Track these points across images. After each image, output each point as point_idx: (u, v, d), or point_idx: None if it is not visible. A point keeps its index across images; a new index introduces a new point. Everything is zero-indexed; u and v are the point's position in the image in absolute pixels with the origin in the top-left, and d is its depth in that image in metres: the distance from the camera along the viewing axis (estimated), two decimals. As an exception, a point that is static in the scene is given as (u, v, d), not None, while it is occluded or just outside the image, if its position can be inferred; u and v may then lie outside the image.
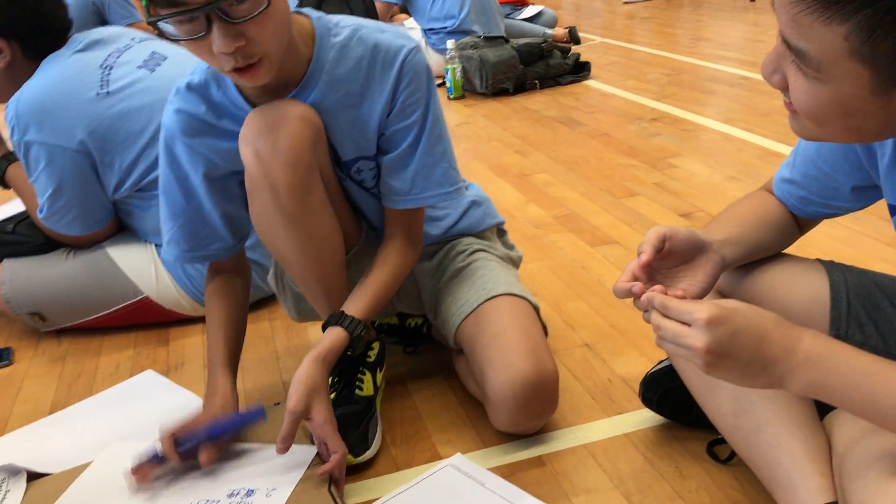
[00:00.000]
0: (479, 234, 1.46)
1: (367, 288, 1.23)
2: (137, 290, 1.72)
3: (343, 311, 1.20)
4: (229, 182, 1.27)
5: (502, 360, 1.20)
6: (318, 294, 1.26)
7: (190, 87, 1.22)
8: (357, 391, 1.28)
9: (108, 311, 1.74)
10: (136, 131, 1.63)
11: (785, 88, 0.76)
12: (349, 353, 1.19)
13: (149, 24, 1.01)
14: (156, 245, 1.74)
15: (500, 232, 1.53)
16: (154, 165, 1.64)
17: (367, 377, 1.30)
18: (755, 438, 1.00)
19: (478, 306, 1.29)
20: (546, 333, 1.30)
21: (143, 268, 1.73)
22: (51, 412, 1.50)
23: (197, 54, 1.05)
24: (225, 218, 1.29)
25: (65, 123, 1.58)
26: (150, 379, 1.58)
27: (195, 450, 1.14)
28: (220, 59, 1.03)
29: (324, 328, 1.21)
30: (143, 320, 1.76)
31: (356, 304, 1.21)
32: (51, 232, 1.74)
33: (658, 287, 0.84)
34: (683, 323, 0.79)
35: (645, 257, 0.91)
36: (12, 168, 1.78)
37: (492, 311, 1.28)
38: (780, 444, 0.97)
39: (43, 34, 1.65)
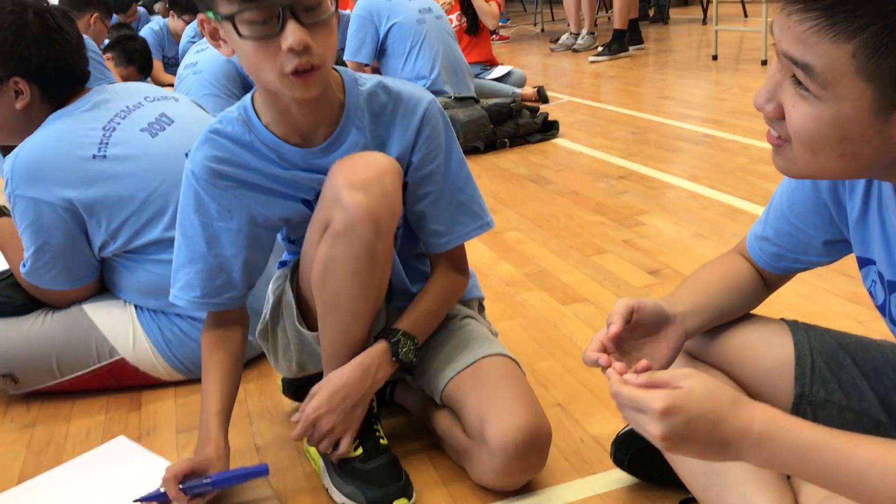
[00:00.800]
0: (465, 303, 1.51)
1: (412, 308, 1.34)
2: (114, 351, 1.71)
3: (387, 327, 1.31)
4: (262, 232, 1.34)
5: (505, 408, 1.24)
6: (352, 341, 1.29)
7: (219, 132, 1.27)
8: (381, 441, 1.32)
9: (83, 372, 1.72)
10: (126, 196, 1.64)
11: (778, 118, 0.78)
12: (394, 359, 1.28)
13: (224, 20, 1.09)
14: (135, 306, 1.74)
15: (480, 307, 1.58)
16: (141, 231, 1.66)
17: (380, 427, 1.35)
18: (724, 497, 1.02)
19: (474, 362, 1.33)
20: None
21: (120, 328, 1.72)
22: (19, 482, 1.48)
23: (255, 61, 1.11)
24: (245, 267, 1.33)
25: (56, 182, 1.60)
26: (122, 445, 1.56)
27: (199, 494, 1.21)
28: (285, 58, 1.09)
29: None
30: (117, 383, 1.75)
31: (401, 322, 1.31)
32: (31, 288, 1.73)
33: (618, 366, 0.86)
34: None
35: (615, 328, 0.94)
36: (1, 221, 1.79)
37: (489, 367, 1.33)
38: (749, 503, 0.98)
39: (63, 81, 1.69)
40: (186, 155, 1.72)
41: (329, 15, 1.12)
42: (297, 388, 1.58)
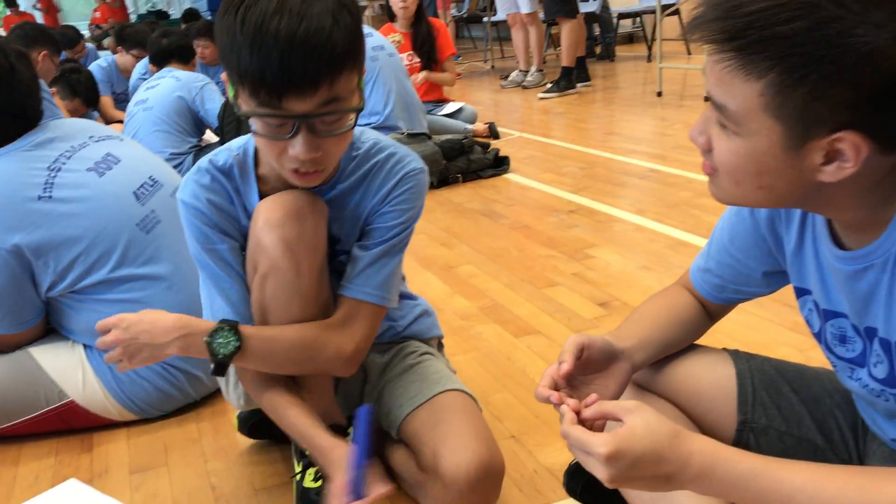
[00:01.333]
0: (425, 341, 1.54)
1: (272, 327, 1.24)
2: (63, 394, 1.68)
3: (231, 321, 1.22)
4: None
5: (459, 442, 1.26)
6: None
7: (215, 164, 1.27)
8: None
9: (30, 417, 1.69)
10: (73, 237, 1.63)
11: (708, 150, 0.84)
12: (206, 341, 1.19)
13: (241, 116, 1.09)
14: (85, 346, 1.72)
15: (440, 345, 1.60)
16: (89, 271, 1.65)
17: None
18: (673, 524, 1.05)
19: (431, 397, 1.35)
20: None
21: (69, 370, 1.69)
22: (-35, 528, 1.45)
23: (266, 148, 1.12)
24: None
25: (1, 226, 1.58)
26: (73, 488, 1.53)
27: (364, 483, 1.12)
28: (291, 160, 1.10)
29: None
30: (66, 426, 1.72)
31: (249, 328, 1.22)
32: None
33: (572, 402, 0.89)
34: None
35: (566, 367, 0.97)
36: None
37: (446, 402, 1.34)
38: (696, 528, 1.02)
39: (12, 121, 1.67)
40: (134, 193, 1.73)
41: (347, 129, 1.11)
42: (253, 426, 1.59)
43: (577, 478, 1.25)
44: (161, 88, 3.72)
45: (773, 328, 1.90)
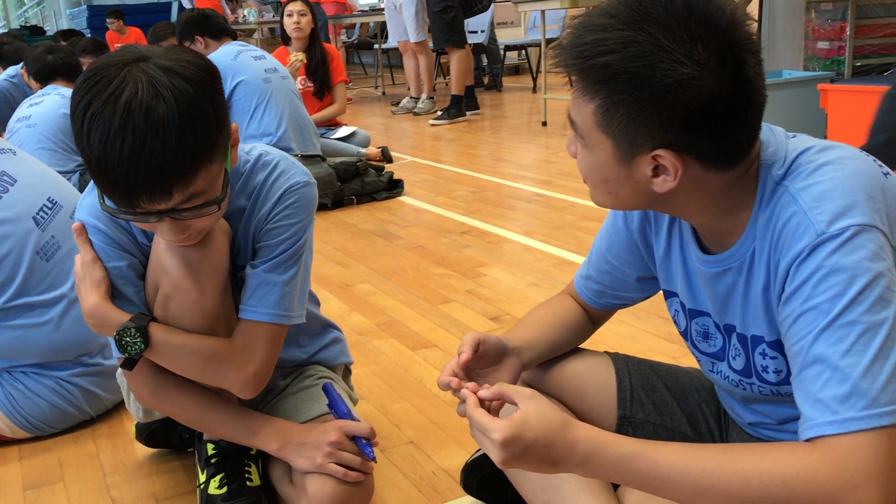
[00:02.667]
0: (331, 368, 1.56)
1: (181, 335, 1.25)
2: (-51, 413, 1.64)
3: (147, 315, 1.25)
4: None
5: None
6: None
7: None
8: (248, 482, 1.34)
9: (-87, 438, 1.64)
10: None
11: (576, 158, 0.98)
12: (116, 336, 1.20)
13: (103, 209, 1.11)
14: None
15: (347, 371, 1.63)
16: None
17: (254, 469, 1.36)
18: (562, 509, 1.15)
19: (311, 419, 1.37)
20: None
21: (-46, 389, 1.65)
22: None
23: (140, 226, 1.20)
24: None
25: None
26: (-38, 507, 1.50)
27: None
28: (161, 235, 1.15)
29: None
30: (-47, 446, 1.67)
31: (159, 327, 1.24)
32: None
33: (471, 385, 0.98)
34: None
35: (465, 356, 1.07)
36: None
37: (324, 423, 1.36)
38: (582, 511, 1.12)
39: None
40: (34, 219, 1.70)
41: (213, 212, 1.12)
42: (149, 435, 1.59)
43: (473, 475, 1.33)
44: (46, 105, 3.61)
45: (649, 338, 2.05)
